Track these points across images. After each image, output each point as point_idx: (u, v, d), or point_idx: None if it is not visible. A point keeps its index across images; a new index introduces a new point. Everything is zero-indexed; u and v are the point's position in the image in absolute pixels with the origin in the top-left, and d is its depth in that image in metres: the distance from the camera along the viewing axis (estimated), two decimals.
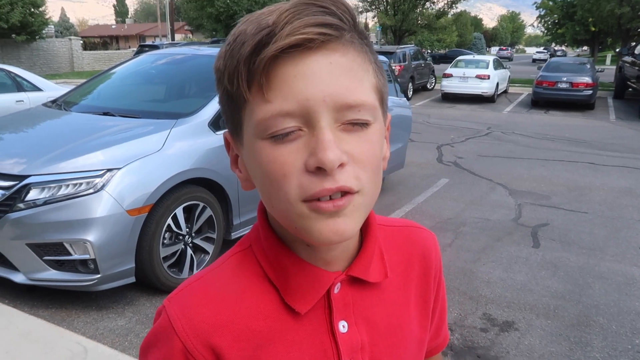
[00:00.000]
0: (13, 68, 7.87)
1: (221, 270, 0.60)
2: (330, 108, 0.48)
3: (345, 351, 0.59)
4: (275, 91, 0.47)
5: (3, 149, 3.43)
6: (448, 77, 15.92)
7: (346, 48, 0.49)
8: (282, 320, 0.57)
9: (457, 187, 6.29)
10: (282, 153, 0.48)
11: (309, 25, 0.47)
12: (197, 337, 0.55)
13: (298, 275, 0.57)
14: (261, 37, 0.47)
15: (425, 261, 0.70)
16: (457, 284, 3.59)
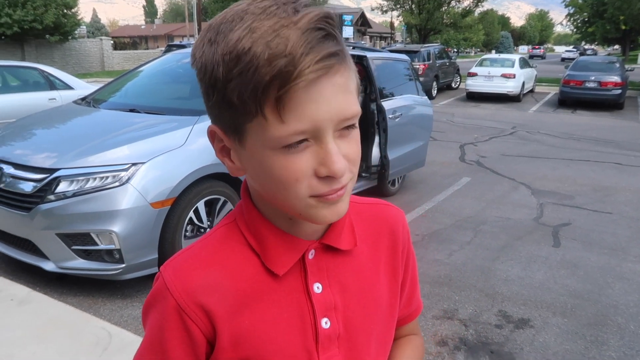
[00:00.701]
0: (46, 67, 8.16)
1: (209, 241, 0.68)
2: (334, 123, 0.56)
3: (319, 309, 0.66)
4: (290, 114, 0.53)
5: (36, 144, 3.59)
6: (473, 76, 15.76)
7: (342, 67, 0.56)
8: (263, 282, 0.65)
9: (479, 186, 6.26)
10: (294, 162, 0.56)
11: (323, 59, 0.52)
12: (189, 295, 0.63)
13: (276, 242, 0.65)
14: (280, 68, 0.51)
15: (394, 235, 0.77)
16: (473, 281, 3.60)
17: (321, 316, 0.66)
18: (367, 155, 5.36)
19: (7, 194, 3.23)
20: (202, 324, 0.64)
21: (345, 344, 0.68)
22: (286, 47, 0.51)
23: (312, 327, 0.66)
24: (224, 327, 0.64)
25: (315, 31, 0.53)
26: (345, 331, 0.68)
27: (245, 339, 0.64)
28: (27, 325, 2.75)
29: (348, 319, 0.69)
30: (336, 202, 0.59)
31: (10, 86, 7.74)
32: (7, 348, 2.56)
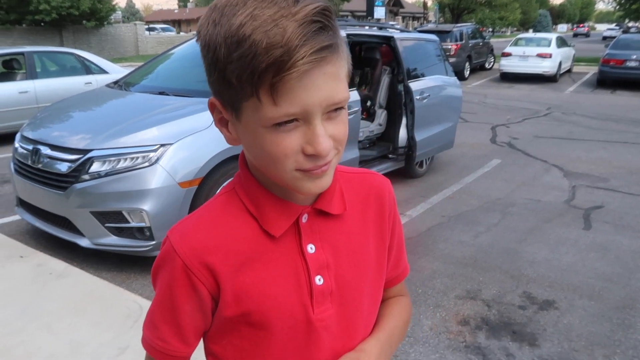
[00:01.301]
0: (82, 52, 8.39)
1: (211, 207, 0.74)
2: (323, 108, 0.60)
3: (313, 267, 0.72)
4: (283, 98, 0.58)
5: (71, 126, 3.74)
6: (507, 56, 15.34)
7: (334, 57, 0.60)
8: (261, 244, 0.71)
9: (509, 168, 6.15)
10: (284, 139, 0.61)
11: (316, 51, 0.56)
12: (194, 255, 0.69)
13: (273, 207, 0.70)
14: (275, 57, 0.55)
15: (381, 201, 0.82)
16: (499, 263, 3.58)
17: (315, 274, 0.72)
18: (394, 137, 5.34)
19: (45, 174, 3.38)
20: (207, 282, 0.70)
21: (337, 300, 0.74)
22: (283, 38, 0.55)
23: (307, 283, 0.72)
24: (227, 284, 0.70)
25: (312, 24, 0.57)
26: (337, 288, 0.74)
27: (246, 294, 0.70)
28: (64, 298, 2.91)
29: (340, 277, 0.74)
30: (320, 176, 0.64)
31: (49, 71, 8.01)
32: (46, 319, 2.72)
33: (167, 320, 0.73)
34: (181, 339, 0.74)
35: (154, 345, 0.75)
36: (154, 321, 0.75)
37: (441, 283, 3.29)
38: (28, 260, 3.34)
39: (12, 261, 3.32)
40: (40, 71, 7.68)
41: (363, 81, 5.69)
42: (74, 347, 2.50)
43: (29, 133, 3.68)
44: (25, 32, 20.18)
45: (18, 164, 3.64)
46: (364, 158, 4.89)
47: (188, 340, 0.75)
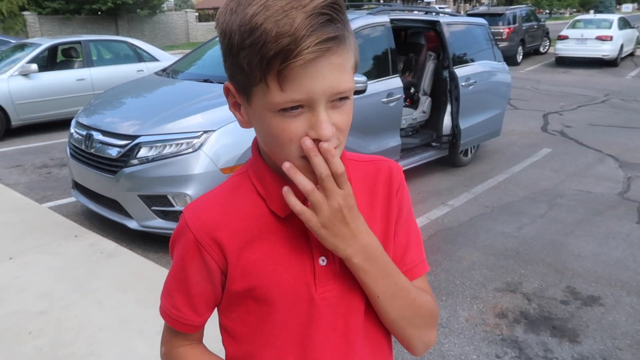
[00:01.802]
0: (134, 40, 8.70)
1: (224, 187, 0.79)
2: (327, 96, 0.63)
3: (317, 247, 0.74)
4: (289, 84, 0.61)
5: (121, 112, 3.91)
6: (563, 40, 14.62)
7: (341, 49, 0.63)
8: (268, 223, 0.74)
9: (560, 157, 5.92)
10: (289, 124, 0.64)
11: (321, 42, 0.59)
12: (204, 230, 0.74)
13: (279, 189, 0.71)
14: (283, 46, 0.59)
15: (389, 185, 0.82)
16: (542, 256, 3.48)
17: (318, 255, 0.74)
18: (438, 125, 5.24)
19: (97, 158, 3.56)
20: (216, 256, 0.75)
21: (340, 280, 0.76)
22: (291, 28, 0.59)
23: (311, 263, 0.74)
24: (234, 259, 0.74)
25: (319, 15, 0.60)
26: (341, 268, 0.75)
27: (252, 270, 0.74)
28: (113, 276, 3.08)
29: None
30: None
31: (104, 59, 8.36)
32: (97, 295, 2.89)
33: (180, 289, 0.79)
34: (192, 308, 0.79)
35: (168, 312, 0.81)
36: (169, 290, 0.81)
37: (480, 274, 3.24)
38: (82, 240, 3.55)
39: (67, 240, 3.54)
40: (96, 59, 8.04)
41: (407, 67, 5.60)
42: (121, 322, 2.66)
43: (83, 119, 3.88)
44: (83, 21, 21.06)
45: (73, 148, 3.85)
46: (406, 146, 4.84)
47: (198, 310, 0.79)
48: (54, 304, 2.80)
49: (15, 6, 18.67)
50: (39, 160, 5.94)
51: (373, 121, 4.24)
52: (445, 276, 3.22)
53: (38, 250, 3.40)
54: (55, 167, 5.64)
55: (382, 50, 4.46)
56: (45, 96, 7.13)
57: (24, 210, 4.10)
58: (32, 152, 6.33)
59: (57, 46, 7.88)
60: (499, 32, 14.07)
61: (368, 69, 4.36)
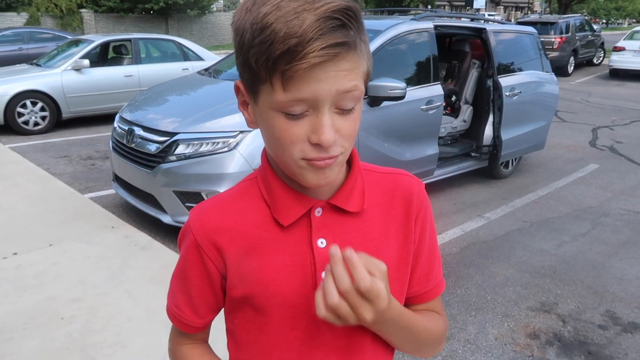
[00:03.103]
0: (181, 40, 8.93)
1: (231, 192, 0.79)
2: (332, 100, 0.62)
3: (321, 261, 0.71)
4: (293, 86, 0.60)
5: (162, 109, 4.00)
6: (619, 51, 14.01)
7: (351, 55, 0.61)
8: (271, 231, 0.73)
9: (608, 174, 5.66)
10: (292, 126, 0.63)
11: (329, 46, 0.58)
12: (205, 234, 0.75)
13: (284, 197, 0.72)
14: (289, 47, 0.58)
15: (408, 202, 0.78)
16: (581, 277, 3.32)
17: (322, 269, 0.71)
18: (479, 134, 5.11)
19: (137, 153, 3.66)
20: (215, 260, 0.75)
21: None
22: (299, 29, 0.58)
23: (312, 277, 0.72)
24: (234, 265, 0.73)
25: (330, 20, 0.58)
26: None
27: (251, 277, 0.73)
28: (145, 268, 3.16)
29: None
30: (324, 169, 0.65)
31: (152, 57, 8.63)
32: (128, 285, 2.97)
33: (182, 289, 0.79)
34: (193, 309, 0.79)
35: (171, 311, 0.81)
36: (173, 289, 0.81)
37: (513, 292, 3.12)
38: (118, 231, 3.65)
39: (104, 230, 3.66)
40: (145, 57, 8.30)
41: (449, 75, 5.50)
42: (149, 313, 2.71)
43: (126, 114, 4.00)
44: (135, 19, 21.83)
45: (115, 142, 3.98)
46: (444, 155, 4.74)
47: (199, 312, 0.79)
48: (88, 292, 2.89)
49: (74, 4, 19.58)
50: (85, 151, 6.18)
51: (411, 128, 4.17)
52: (477, 291, 3.12)
53: (77, 239, 3.52)
54: (99, 159, 5.85)
55: (424, 56, 4.39)
56: (95, 91, 7.42)
57: (66, 199, 4.26)
58: (79, 143, 6.59)
59: (109, 43, 8.19)
60: (549, 42, 13.62)
61: (409, 75, 4.30)
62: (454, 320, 2.80)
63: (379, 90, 3.68)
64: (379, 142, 3.90)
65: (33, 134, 6.95)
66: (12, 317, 2.64)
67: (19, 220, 3.82)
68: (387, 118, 3.94)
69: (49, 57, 7.96)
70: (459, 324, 2.76)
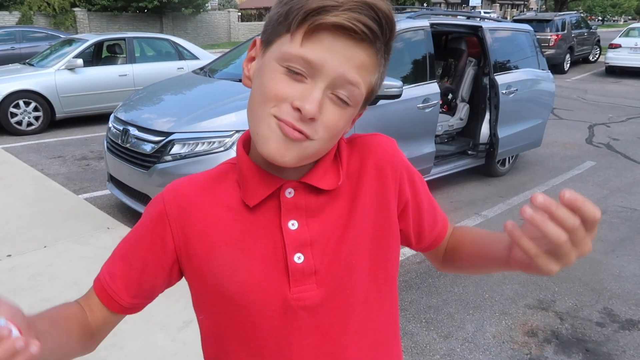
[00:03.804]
0: (176, 38, 8.88)
1: (209, 172, 0.77)
2: (334, 77, 0.61)
3: (291, 244, 0.70)
4: (310, 44, 0.61)
5: (158, 109, 3.97)
6: (615, 48, 14.04)
7: (371, 51, 0.63)
8: (241, 213, 0.71)
9: (604, 171, 5.67)
10: (284, 82, 0.62)
11: (361, 21, 0.60)
12: (176, 205, 0.72)
13: (252, 177, 0.70)
14: (326, 5, 0.59)
15: (381, 163, 0.76)
16: (579, 274, 3.32)
17: (293, 251, 0.69)
18: (476, 132, 5.11)
19: (132, 153, 3.63)
20: (177, 235, 0.71)
21: (324, 279, 0.70)
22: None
23: (284, 260, 0.70)
24: (198, 245, 0.71)
25: (369, 9, 0.60)
26: (323, 266, 0.70)
27: (219, 262, 0.70)
28: None
29: (327, 255, 0.71)
30: (286, 142, 0.62)
31: (147, 56, 8.56)
32: None
33: (125, 258, 0.74)
34: (126, 282, 0.73)
35: (100, 278, 0.74)
36: (114, 256, 0.75)
37: (511, 289, 3.12)
38: (113, 232, 3.63)
39: (99, 231, 3.63)
40: (139, 56, 8.24)
41: (446, 73, 5.49)
42: (145, 315, 2.67)
43: (121, 114, 3.97)
44: (129, 18, 21.72)
45: (110, 142, 3.95)
46: (441, 153, 4.73)
47: (131, 289, 0.73)
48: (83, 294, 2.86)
49: (67, 2, 19.47)
50: (79, 152, 6.14)
51: (407, 127, 4.16)
52: (474, 289, 3.11)
53: (71, 240, 3.49)
54: (94, 159, 5.81)
55: (420, 55, 4.38)
56: (89, 90, 7.37)
57: (61, 200, 4.23)
58: (73, 144, 6.55)
59: (103, 42, 8.13)
60: (546, 39, 13.63)
61: (405, 74, 4.28)
62: (452, 319, 2.79)
63: None
64: None
65: (26, 135, 6.89)
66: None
67: (13, 222, 3.79)
68: (384, 117, 3.93)
69: (42, 57, 7.90)
70: (456, 323, 2.75)
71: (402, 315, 2.73)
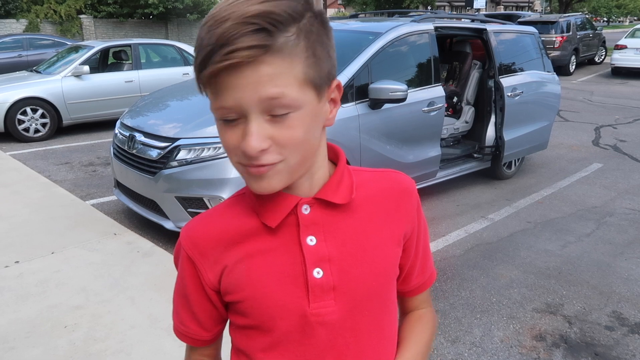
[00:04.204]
0: (181, 44, 8.92)
1: (220, 206, 0.79)
2: (257, 103, 0.60)
3: (310, 259, 0.71)
4: (218, 91, 0.60)
5: (164, 115, 3.99)
6: (621, 49, 13.97)
7: (273, 58, 0.59)
8: (261, 236, 0.73)
9: (612, 173, 5.63)
10: (228, 133, 0.63)
11: (238, 49, 0.57)
12: (195, 247, 0.75)
13: (268, 200, 0.72)
14: (204, 55, 0.59)
15: (400, 199, 0.79)
16: (587, 277, 3.29)
17: (313, 267, 0.71)
18: (481, 135, 5.09)
19: (138, 159, 3.65)
20: (208, 273, 0.74)
21: (342, 296, 0.72)
22: (214, 37, 0.58)
23: (303, 276, 0.71)
24: (226, 274, 0.73)
25: (245, 25, 0.57)
26: (341, 283, 0.72)
27: (242, 282, 0.72)
28: (147, 275, 3.14)
29: (345, 272, 0.72)
30: (262, 177, 0.64)
31: (152, 62, 8.62)
32: (130, 292, 2.95)
33: (184, 305, 0.79)
34: (198, 323, 0.79)
35: (178, 329, 0.81)
36: (176, 307, 0.81)
37: (518, 293, 3.10)
38: (120, 238, 3.64)
39: (106, 237, 3.64)
40: (145, 62, 8.29)
41: (451, 76, 5.48)
42: (152, 320, 2.70)
43: (127, 120, 3.99)
44: (135, 24, 21.86)
45: (117, 148, 3.97)
46: (446, 157, 4.72)
47: (204, 325, 0.79)
48: (90, 300, 2.88)
49: (73, 10, 19.62)
50: (86, 158, 6.17)
51: (412, 130, 4.16)
52: (481, 293, 3.10)
53: (79, 246, 3.51)
54: (100, 165, 5.84)
55: (425, 58, 4.38)
56: (95, 97, 7.42)
57: (68, 206, 4.25)
58: (80, 150, 6.59)
59: (109, 49, 8.19)
60: (550, 41, 13.59)
61: (410, 77, 4.28)
62: (459, 323, 2.78)
63: (380, 92, 3.67)
64: (380, 144, 3.88)
65: (34, 141, 6.95)
66: (15, 326, 2.62)
67: (21, 228, 3.81)
68: (389, 120, 3.92)
69: (49, 64, 7.97)
70: (464, 327, 2.74)
71: None
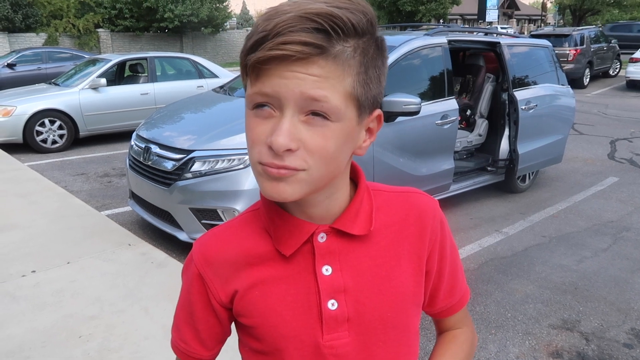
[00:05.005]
0: (196, 57, 9.05)
1: (234, 222, 0.77)
2: (297, 99, 0.58)
3: (325, 290, 0.69)
4: (261, 78, 0.59)
5: (179, 127, 4.04)
6: (636, 62, 13.86)
7: (326, 62, 0.58)
8: (275, 261, 0.71)
9: (628, 187, 5.56)
10: (257, 125, 0.61)
11: (292, 42, 0.56)
12: (207, 265, 0.74)
13: (283, 225, 0.70)
14: (256, 40, 0.58)
15: (421, 223, 0.75)
16: (604, 293, 3.24)
17: (327, 298, 0.69)
18: (495, 149, 5.07)
19: (153, 170, 3.69)
20: (218, 291, 0.73)
21: (357, 328, 0.70)
22: (272, 25, 0.57)
23: (317, 307, 0.69)
24: (237, 296, 0.72)
25: (307, 20, 0.56)
26: (356, 314, 0.70)
27: (254, 307, 0.71)
28: (161, 285, 3.16)
29: (360, 303, 0.70)
30: (278, 180, 0.60)
31: (167, 75, 8.75)
32: (145, 302, 2.97)
33: (187, 322, 0.77)
34: (200, 342, 0.77)
35: (177, 346, 0.79)
36: (177, 323, 0.79)
37: (534, 309, 3.06)
38: (135, 249, 3.67)
39: (121, 248, 3.68)
40: (160, 75, 8.42)
41: (464, 89, 5.48)
42: (166, 331, 2.70)
43: (143, 132, 4.04)
44: (151, 38, 22.24)
45: (132, 160, 4.02)
46: (460, 170, 4.71)
47: (206, 344, 0.78)
48: (105, 310, 2.89)
49: (91, 24, 20.05)
50: (102, 169, 6.25)
51: (426, 143, 4.15)
52: (496, 308, 3.06)
53: (94, 256, 3.54)
54: (115, 176, 5.91)
55: (438, 71, 4.39)
56: (112, 109, 7.54)
57: (83, 216, 4.30)
58: (96, 161, 6.68)
59: (125, 62, 8.33)
60: (564, 54, 13.54)
61: (423, 90, 4.29)
62: None
63: (394, 105, 3.68)
64: (394, 157, 3.88)
65: (51, 152, 7.07)
66: (31, 336, 2.65)
67: (38, 238, 3.86)
68: (402, 133, 3.93)
69: (67, 77, 8.13)
70: (479, 343, 2.71)
71: (423, 334, 2.69)
